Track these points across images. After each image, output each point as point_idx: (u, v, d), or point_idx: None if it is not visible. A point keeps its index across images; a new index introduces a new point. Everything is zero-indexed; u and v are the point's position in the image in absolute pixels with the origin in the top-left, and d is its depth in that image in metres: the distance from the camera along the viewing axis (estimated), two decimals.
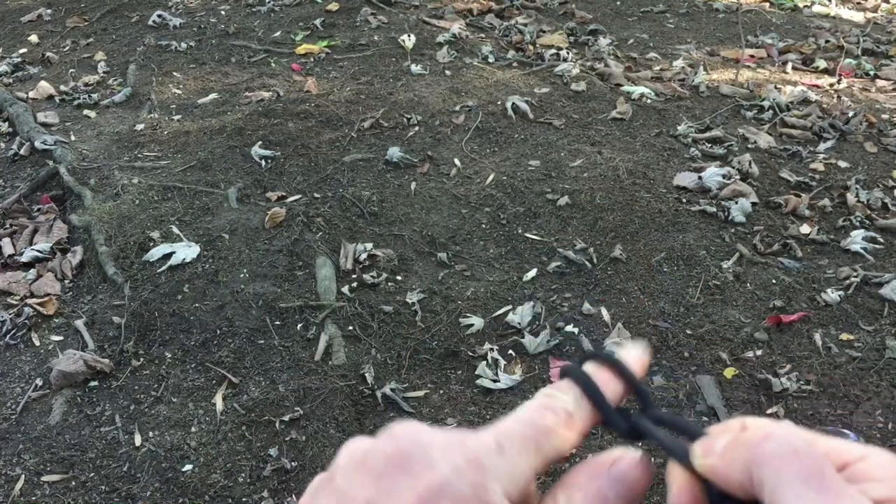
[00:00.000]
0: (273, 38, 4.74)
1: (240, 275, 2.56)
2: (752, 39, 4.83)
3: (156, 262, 2.62)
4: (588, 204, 2.95)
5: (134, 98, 3.98)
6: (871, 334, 2.35)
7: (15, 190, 3.18)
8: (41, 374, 2.24)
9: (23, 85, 4.24)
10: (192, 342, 2.31)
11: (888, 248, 2.76)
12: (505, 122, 3.59)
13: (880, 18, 5.44)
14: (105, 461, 1.97)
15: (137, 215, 2.89)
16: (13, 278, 2.61)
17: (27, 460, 1.97)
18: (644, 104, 3.80)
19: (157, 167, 3.26)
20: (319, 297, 2.48)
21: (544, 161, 3.26)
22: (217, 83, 4.12)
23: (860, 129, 3.60)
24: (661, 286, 2.55)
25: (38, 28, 5.15)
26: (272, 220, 2.81)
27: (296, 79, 4.11)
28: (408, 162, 3.24)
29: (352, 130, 3.50)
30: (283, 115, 3.62)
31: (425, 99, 3.80)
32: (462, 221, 2.88)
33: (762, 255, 2.70)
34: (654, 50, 4.64)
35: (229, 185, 3.09)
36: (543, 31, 4.87)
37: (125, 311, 2.42)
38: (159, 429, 2.05)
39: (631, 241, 2.76)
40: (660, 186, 3.09)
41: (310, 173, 3.17)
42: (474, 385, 2.15)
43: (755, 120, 3.71)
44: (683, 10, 5.44)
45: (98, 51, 4.66)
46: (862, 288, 2.53)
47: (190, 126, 3.62)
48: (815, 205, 2.99)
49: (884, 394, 2.13)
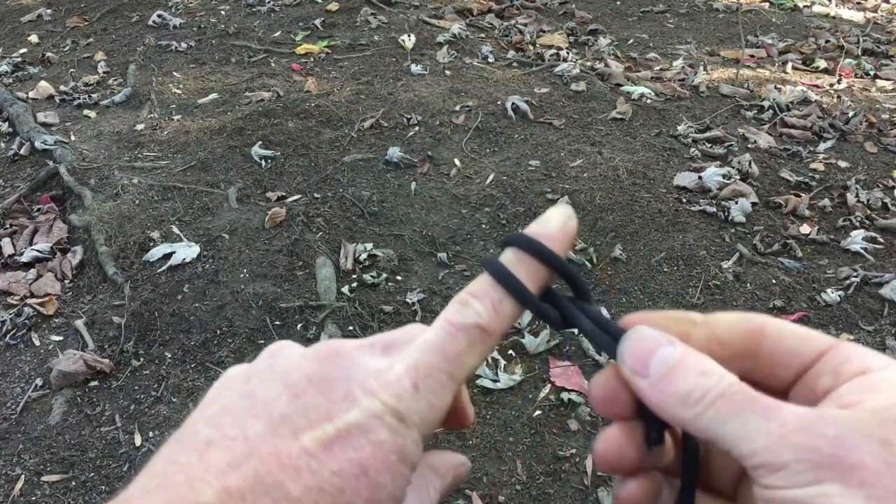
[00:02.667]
0: (273, 38, 4.74)
1: (240, 275, 2.56)
2: (752, 39, 4.83)
3: (156, 262, 2.62)
4: (588, 204, 2.95)
5: (134, 98, 3.98)
6: (871, 334, 2.35)
7: (15, 190, 3.18)
8: (41, 374, 2.24)
9: (23, 85, 4.23)
10: (192, 342, 2.31)
11: (888, 248, 2.76)
12: (505, 122, 3.59)
13: (880, 18, 5.44)
14: (105, 461, 1.97)
15: (137, 215, 2.89)
16: (13, 278, 2.61)
17: (27, 460, 1.97)
18: (644, 104, 3.80)
19: (157, 167, 3.26)
20: (319, 297, 2.48)
21: (544, 161, 3.26)
22: (217, 83, 4.12)
23: (860, 129, 3.60)
24: (661, 286, 2.55)
25: (38, 28, 5.15)
26: (272, 220, 2.81)
27: (296, 79, 4.11)
28: (408, 162, 3.24)
29: (352, 130, 3.50)
30: (283, 115, 3.62)
31: (425, 99, 3.80)
32: (462, 221, 2.88)
33: (762, 255, 2.70)
34: (654, 50, 4.64)
35: (229, 185, 3.09)
36: (543, 31, 4.87)
37: (125, 311, 2.42)
38: (159, 429, 2.05)
39: (631, 241, 2.76)
40: (660, 186, 3.09)
41: (310, 173, 3.17)
42: (474, 385, 2.15)
43: (755, 120, 3.71)
44: (683, 10, 5.44)
45: (98, 51, 4.66)
46: (862, 288, 2.53)
47: (190, 126, 3.62)
48: (815, 205, 2.99)
49: None
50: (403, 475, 0.30)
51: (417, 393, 0.31)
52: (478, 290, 0.34)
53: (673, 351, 0.32)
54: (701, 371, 0.31)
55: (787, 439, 0.28)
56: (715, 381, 0.31)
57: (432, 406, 0.31)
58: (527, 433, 2.01)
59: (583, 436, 2.01)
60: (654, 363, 0.32)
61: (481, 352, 0.33)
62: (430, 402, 0.31)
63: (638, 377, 0.32)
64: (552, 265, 0.34)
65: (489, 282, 0.34)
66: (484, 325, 0.33)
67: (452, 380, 0.32)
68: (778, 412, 0.29)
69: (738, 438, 0.29)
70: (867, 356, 0.31)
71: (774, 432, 0.28)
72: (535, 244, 0.34)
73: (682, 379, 0.31)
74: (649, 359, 0.32)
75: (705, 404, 0.30)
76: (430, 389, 0.32)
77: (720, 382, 0.30)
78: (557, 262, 0.34)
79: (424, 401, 0.31)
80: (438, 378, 0.32)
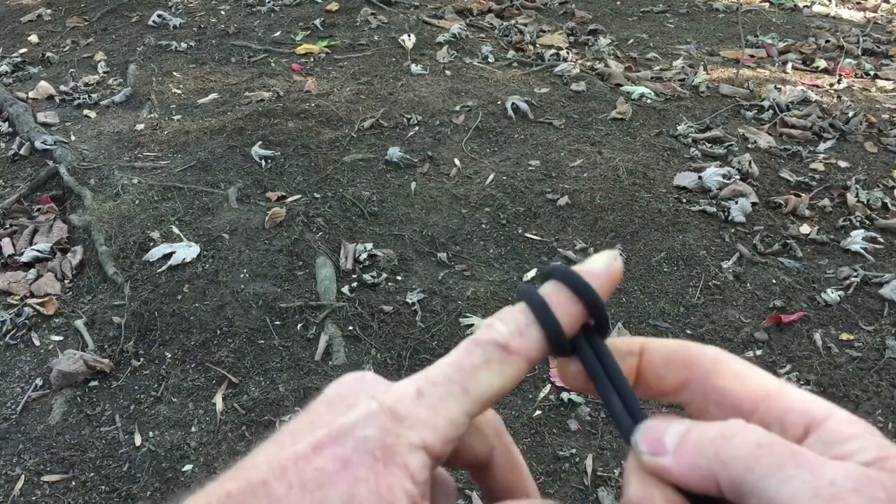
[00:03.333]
0: (273, 38, 4.74)
1: (240, 275, 2.56)
2: (752, 39, 4.83)
3: (156, 262, 2.62)
4: (588, 204, 2.95)
5: (134, 98, 3.98)
6: (871, 334, 2.35)
7: (15, 190, 3.18)
8: (41, 374, 2.24)
9: (23, 85, 4.23)
10: (192, 342, 2.31)
11: (888, 248, 2.76)
12: (505, 122, 3.59)
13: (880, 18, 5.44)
14: (105, 461, 1.97)
15: (137, 215, 2.89)
16: (13, 278, 2.61)
17: (27, 460, 1.97)
18: (644, 104, 3.80)
19: (157, 167, 3.26)
20: (319, 297, 2.48)
21: (544, 161, 3.26)
22: (217, 83, 4.12)
23: (860, 129, 3.60)
24: (661, 286, 2.55)
25: (38, 28, 5.15)
26: (272, 220, 2.81)
27: (296, 79, 4.11)
28: (408, 162, 3.24)
29: (352, 130, 3.50)
30: (283, 115, 3.62)
31: (425, 99, 3.80)
32: (462, 221, 2.88)
33: (762, 255, 2.70)
34: (654, 50, 4.64)
35: (229, 185, 3.09)
36: (543, 31, 4.87)
37: (125, 311, 2.42)
38: (159, 429, 2.05)
39: (631, 241, 2.76)
40: (660, 186, 3.09)
41: (310, 173, 3.17)
42: None
43: (755, 120, 3.71)
44: (683, 10, 5.44)
45: (98, 51, 4.66)
46: (862, 288, 2.53)
47: (190, 126, 3.62)
48: (815, 205, 2.99)
49: (884, 394, 2.13)
50: (391, 474, 0.29)
51: (421, 398, 0.31)
52: (506, 314, 0.33)
53: (683, 422, 0.31)
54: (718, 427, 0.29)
55: (842, 501, 0.26)
56: (740, 427, 0.29)
57: (437, 412, 0.30)
58: (527, 433, 2.01)
59: (583, 436, 2.01)
60: (668, 436, 0.30)
61: (501, 371, 0.32)
62: (435, 408, 0.30)
63: (658, 457, 0.30)
64: (589, 302, 0.33)
65: (520, 307, 0.33)
66: (503, 344, 0.32)
67: (465, 392, 0.31)
68: (823, 468, 0.27)
69: (778, 496, 0.27)
70: (806, 403, 0.30)
71: (824, 492, 0.26)
72: (576, 277, 0.33)
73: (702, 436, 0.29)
74: (663, 436, 0.30)
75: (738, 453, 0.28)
76: (436, 396, 0.31)
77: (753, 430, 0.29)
78: (593, 299, 0.33)
79: (428, 406, 0.30)
80: (448, 387, 0.31)
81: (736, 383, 0.31)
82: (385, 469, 0.29)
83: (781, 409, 0.30)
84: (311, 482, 0.28)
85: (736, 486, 0.28)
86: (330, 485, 0.28)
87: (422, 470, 0.30)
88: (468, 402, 0.31)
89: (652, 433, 0.31)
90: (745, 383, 0.31)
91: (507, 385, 0.32)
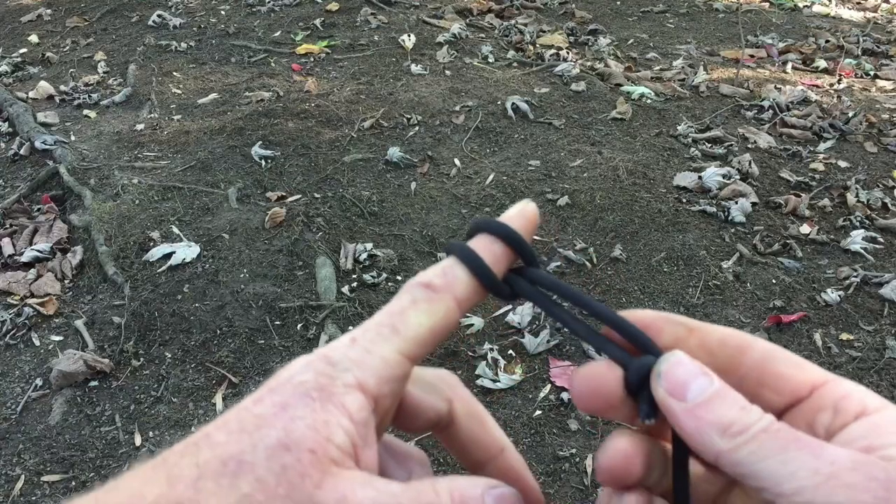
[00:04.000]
0: (273, 38, 4.74)
1: (240, 275, 2.56)
2: (752, 39, 4.83)
3: (156, 262, 2.62)
4: (588, 204, 2.95)
5: (134, 98, 3.98)
6: (871, 334, 2.35)
7: (15, 190, 3.18)
8: (41, 374, 2.24)
9: (23, 85, 4.23)
10: (192, 342, 2.31)
11: (888, 248, 2.76)
12: (505, 122, 3.59)
13: (880, 18, 5.44)
14: (105, 461, 1.97)
15: (137, 215, 2.89)
16: (13, 278, 2.61)
17: (27, 460, 1.97)
18: (644, 104, 3.80)
19: (157, 167, 3.26)
20: (319, 297, 2.48)
21: (544, 161, 3.26)
22: (217, 83, 4.12)
23: (860, 129, 3.60)
24: (661, 286, 2.55)
25: (38, 28, 5.15)
26: (272, 220, 2.81)
27: (296, 79, 4.11)
28: (408, 162, 3.24)
29: (352, 130, 3.50)
30: (283, 115, 3.62)
31: (425, 99, 3.80)
32: (462, 221, 2.88)
33: (762, 255, 2.70)
34: (654, 50, 4.64)
35: (229, 185, 3.09)
36: (543, 31, 4.88)
37: (125, 311, 2.42)
38: (159, 429, 2.05)
39: (631, 241, 2.76)
40: (660, 186, 3.09)
41: (310, 173, 3.17)
42: (474, 385, 2.15)
43: (755, 120, 3.71)
44: (683, 10, 5.45)
45: (98, 51, 4.66)
46: (862, 288, 2.53)
47: (190, 126, 3.62)
48: (815, 205, 2.99)
49: (884, 394, 2.13)
50: (328, 411, 0.30)
51: (354, 343, 0.32)
52: (437, 265, 0.35)
53: (712, 381, 0.31)
54: (741, 406, 0.30)
55: (838, 479, 0.27)
56: (756, 416, 0.30)
57: (369, 353, 0.31)
58: (527, 433, 2.01)
59: (583, 436, 2.01)
60: (693, 388, 0.31)
61: (429, 310, 0.33)
62: (367, 349, 0.32)
63: (673, 399, 0.31)
64: (506, 238, 0.35)
65: (448, 258, 0.35)
66: (426, 282, 0.33)
67: (395, 333, 0.32)
68: (824, 451, 0.28)
69: (779, 476, 0.28)
70: (863, 394, 0.31)
71: (823, 471, 0.27)
72: (492, 222, 0.35)
73: (723, 409, 0.30)
74: (689, 383, 0.31)
75: (746, 438, 0.29)
76: (367, 339, 0.32)
77: (762, 419, 0.30)
78: (509, 234, 0.35)
79: (360, 349, 0.32)
80: (378, 330, 0.32)
81: (796, 370, 0.33)
82: (322, 407, 0.30)
83: (838, 395, 0.31)
84: (249, 425, 0.29)
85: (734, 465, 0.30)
86: (268, 425, 0.29)
87: (359, 410, 0.30)
88: (399, 341, 0.32)
89: (679, 373, 0.32)
90: (804, 370, 0.33)
91: (438, 324, 0.33)
